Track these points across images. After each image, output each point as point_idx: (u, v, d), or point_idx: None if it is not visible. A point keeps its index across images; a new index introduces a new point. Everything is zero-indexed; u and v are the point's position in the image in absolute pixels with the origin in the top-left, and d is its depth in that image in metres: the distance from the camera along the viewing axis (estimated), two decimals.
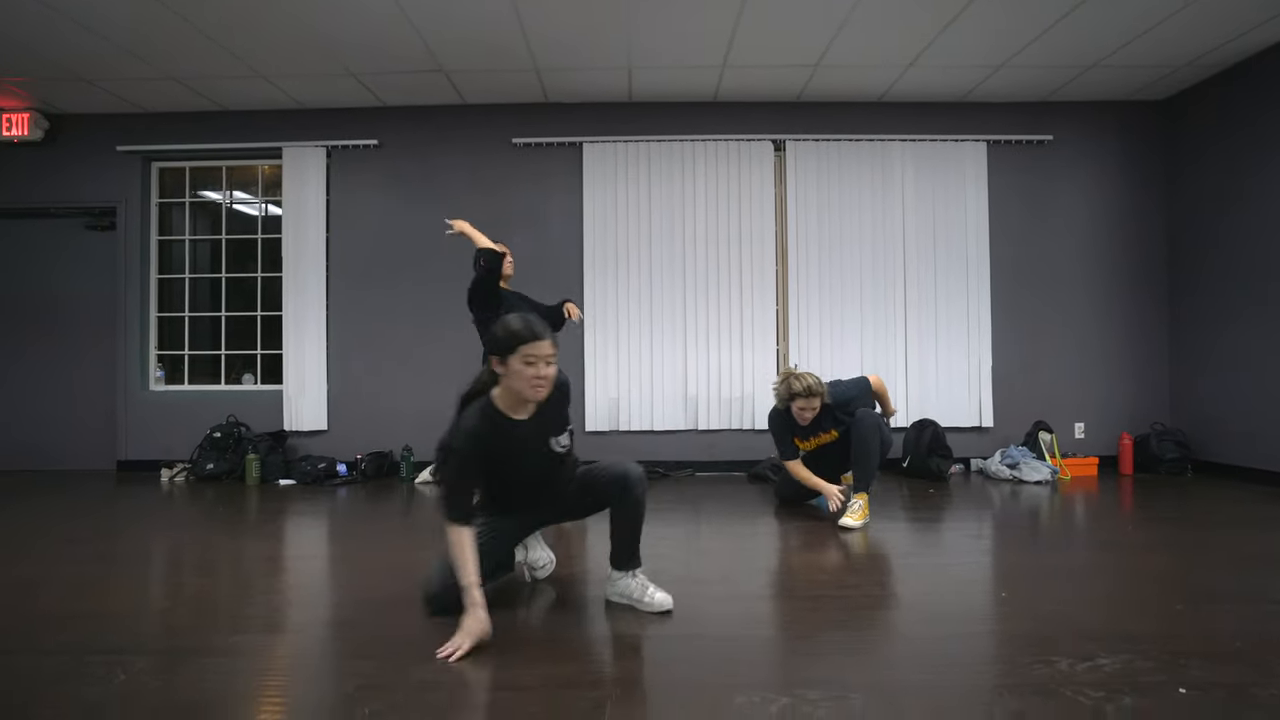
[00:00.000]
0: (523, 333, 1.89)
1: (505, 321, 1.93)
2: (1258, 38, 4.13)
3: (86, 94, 4.82)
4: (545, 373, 1.91)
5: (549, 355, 1.92)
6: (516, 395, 1.96)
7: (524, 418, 2.02)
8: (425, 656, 1.79)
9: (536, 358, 1.90)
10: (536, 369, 1.90)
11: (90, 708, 1.53)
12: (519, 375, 1.90)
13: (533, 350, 1.89)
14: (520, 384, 1.91)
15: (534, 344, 1.89)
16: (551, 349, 1.92)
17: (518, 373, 1.90)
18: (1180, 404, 5.01)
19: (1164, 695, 1.54)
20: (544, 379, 1.92)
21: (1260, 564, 2.61)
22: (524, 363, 1.89)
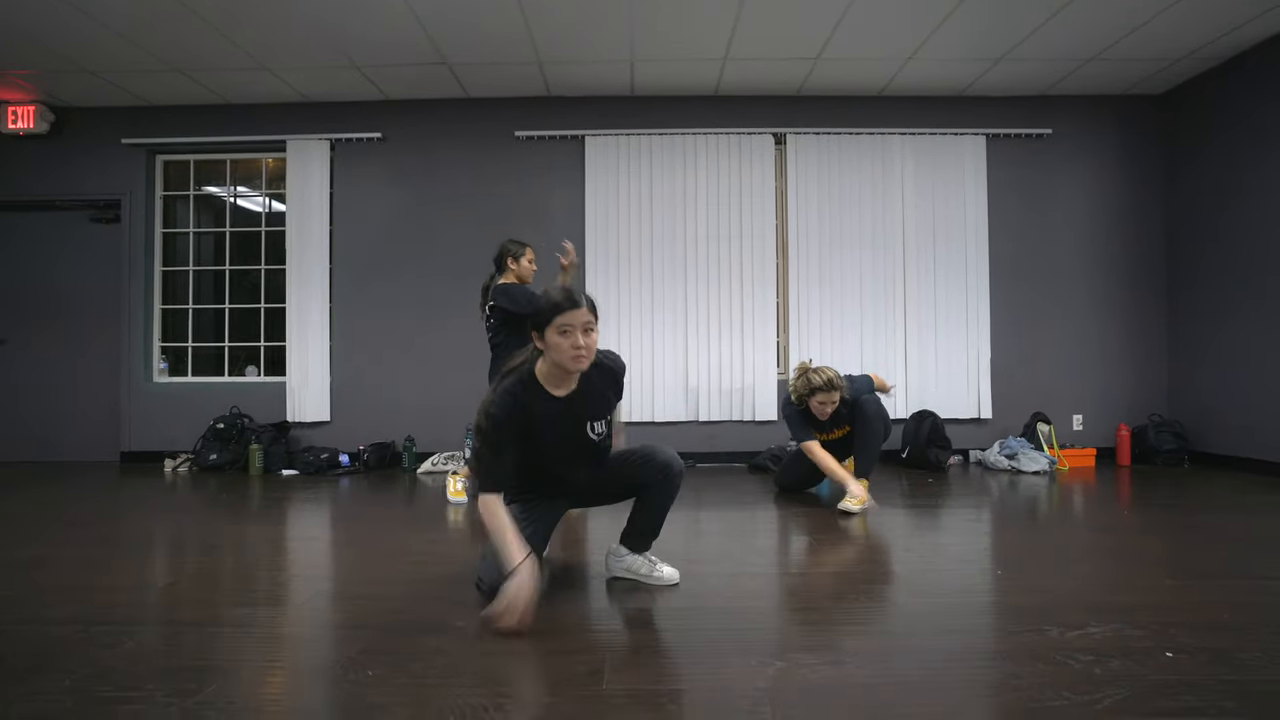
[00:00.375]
0: (560, 302, 1.84)
1: (545, 292, 1.88)
2: (1253, 31, 4.16)
3: (91, 87, 4.87)
4: (584, 342, 1.84)
5: (585, 323, 1.85)
6: (559, 370, 1.91)
7: (562, 394, 1.96)
8: (428, 627, 1.82)
9: (571, 326, 1.83)
10: (573, 338, 1.83)
11: (101, 670, 1.56)
12: (557, 347, 1.85)
13: (567, 319, 1.83)
14: (560, 356, 1.86)
15: (569, 312, 1.83)
16: (587, 316, 1.85)
17: (556, 345, 1.85)
18: (1177, 396, 5.03)
19: (1151, 659, 1.57)
20: (583, 349, 1.85)
21: (1250, 546, 2.64)
22: (559, 333, 1.84)
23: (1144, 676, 1.48)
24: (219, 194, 5.47)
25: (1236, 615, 1.85)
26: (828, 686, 1.46)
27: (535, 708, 1.37)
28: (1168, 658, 1.58)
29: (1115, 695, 1.40)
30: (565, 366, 1.88)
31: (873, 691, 1.44)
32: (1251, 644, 1.65)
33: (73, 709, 1.37)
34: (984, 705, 1.38)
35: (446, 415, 4.98)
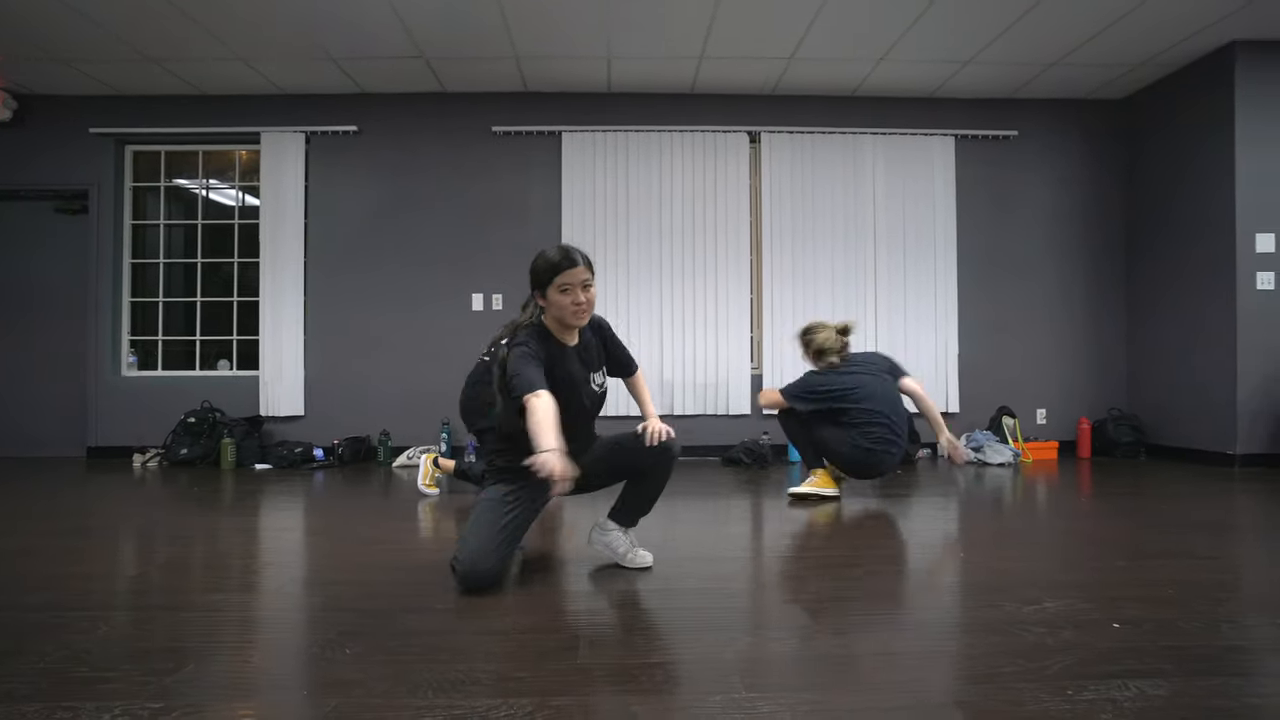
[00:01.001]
0: (559, 262, 1.93)
1: (543, 254, 1.98)
2: (1205, 40, 4.33)
3: (58, 74, 4.78)
4: (583, 298, 1.95)
5: (584, 279, 1.95)
6: (561, 324, 2.03)
7: (572, 344, 2.08)
8: (405, 609, 1.85)
9: (571, 284, 1.93)
10: (573, 295, 1.94)
11: (76, 653, 1.56)
12: (558, 305, 1.96)
13: (566, 278, 1.93)
14: (562, 313, 1.97)
15: (567, 271, 1.93)
16: (585, 273, 1.95)
17: (557, 302, 1.96)
18: (1136, 390, 5.21)
19: (1099, 629, 1.66)
20: (583, 304, 1.96)
21: (1195, 529, 2.77)
22: (560, 291, 1.94)
23: (1091, 645, 1.57)
24: (191, 186, 5.39)
25: (1179, 590, 1.95)
26: (794, 658, 1.52)
27: (511, 681, 1.41)
28: (1115, 628, 1.67)
29: (1064, 662, 1.48)
30: (567, 321, 1.99)
31: (836, 662, 1.50)
32: (1191, 615, 1.75)
33: (48, 689, 1.37)
34: (941, 673, 1.45)
35: (421, 409, 4.98)
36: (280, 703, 1.34)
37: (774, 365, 5.11)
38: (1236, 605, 1.85)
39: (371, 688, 1.38)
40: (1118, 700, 1.30)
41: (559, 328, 2.06)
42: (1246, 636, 1.63)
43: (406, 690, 1.36)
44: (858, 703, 1.32)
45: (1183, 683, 1.37)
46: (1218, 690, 1.34)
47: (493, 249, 5.13)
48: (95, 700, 1.32)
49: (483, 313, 5.10)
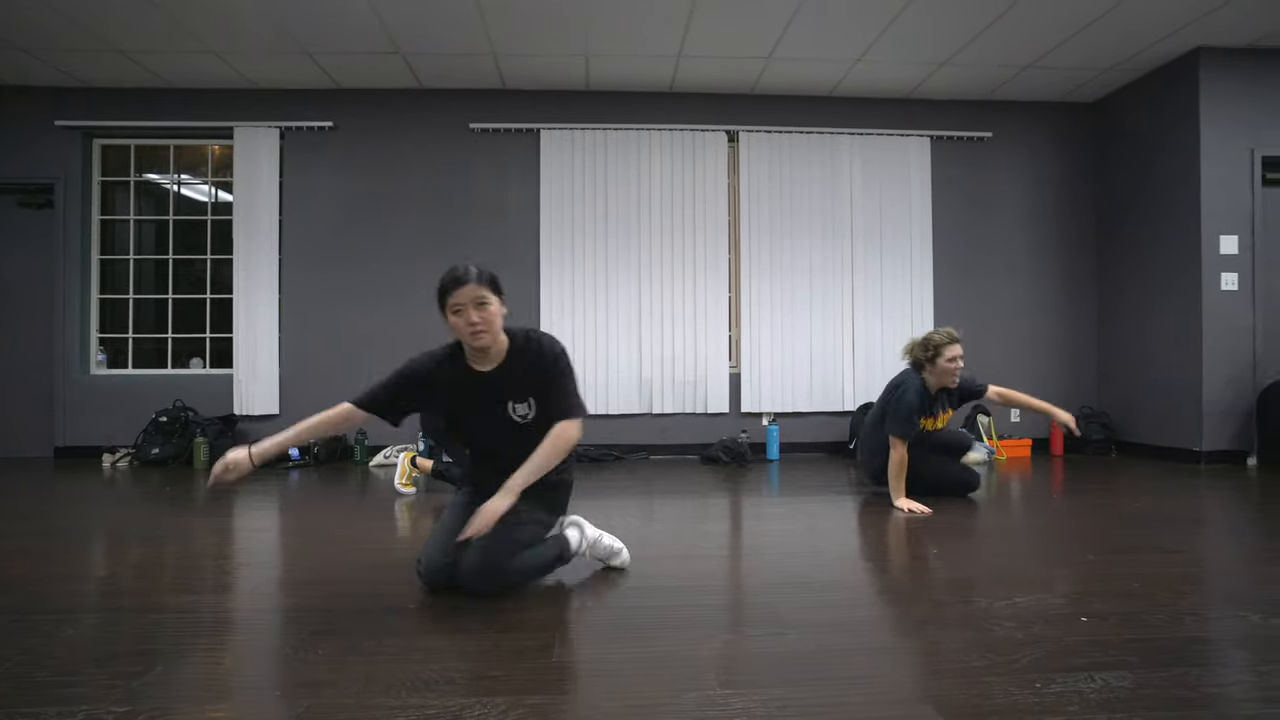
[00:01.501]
0: (445, 284, 1.85)
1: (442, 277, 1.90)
2: (1171, 46, 4.42)
3: (22, 64, 4.66)
4: (476, 317, 1.83)
5: (475, 298, 1.83)
6: (470, 350, 1.93)
7: (485, 370, 1.95)
8: (379, 609, 1.83)
9: (461, 305, 1.83)
10: (465, 315, 1.83)
11: (38, 656, 1.53)
12: (455, 328, 1.87)
13: (456, 299, 1.83)
14: (461, 336, 1.88)
15: (455, 292, 1.83)
16: (476, 291, 1.83)
17: (454, 325, 1.87)
18: (1106, 389, 5.32)
19: (1068, 623, 1.70)
20: (478, 323, 1.83)
21: (1161, 524, 2.84)
22: (453, 314, 1.85)
23: (1060, 638, 1.60)
24: (162, 181, 5.29)
25: (1145, 584, 2.00)
26: (768, 655, 1.53)
27: (485, 680, 1.40)
28: (1082, 621, 1.70)
29: (1032, 655, 1.50)
30: (469, 344, 1.88)
31: (809, 659, 1.51)
32: (1156, 608, 1.79)
33: (9, 694, 1.34)
34: (911, 669, 1.47)
35: None
36: (251, 704, 1.32)
37: (752, 363, 5.13)
38: (1199, 598, 1.89)
39: (344, 688, 1.36)
40: (1084, 692, 1.32)
41: (471, 352, 1.94)
42: (1208, 628, 1.67)
43: (380, 690, 1.36)
44: (829, 698, 1.33)
45: (1146, 674, 1.40)
46: (1179, 680, 1.38)
47: (470, 247, 5.09)
48: (58, 705, 1.29)
49: None
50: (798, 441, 5.12)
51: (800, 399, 5.12)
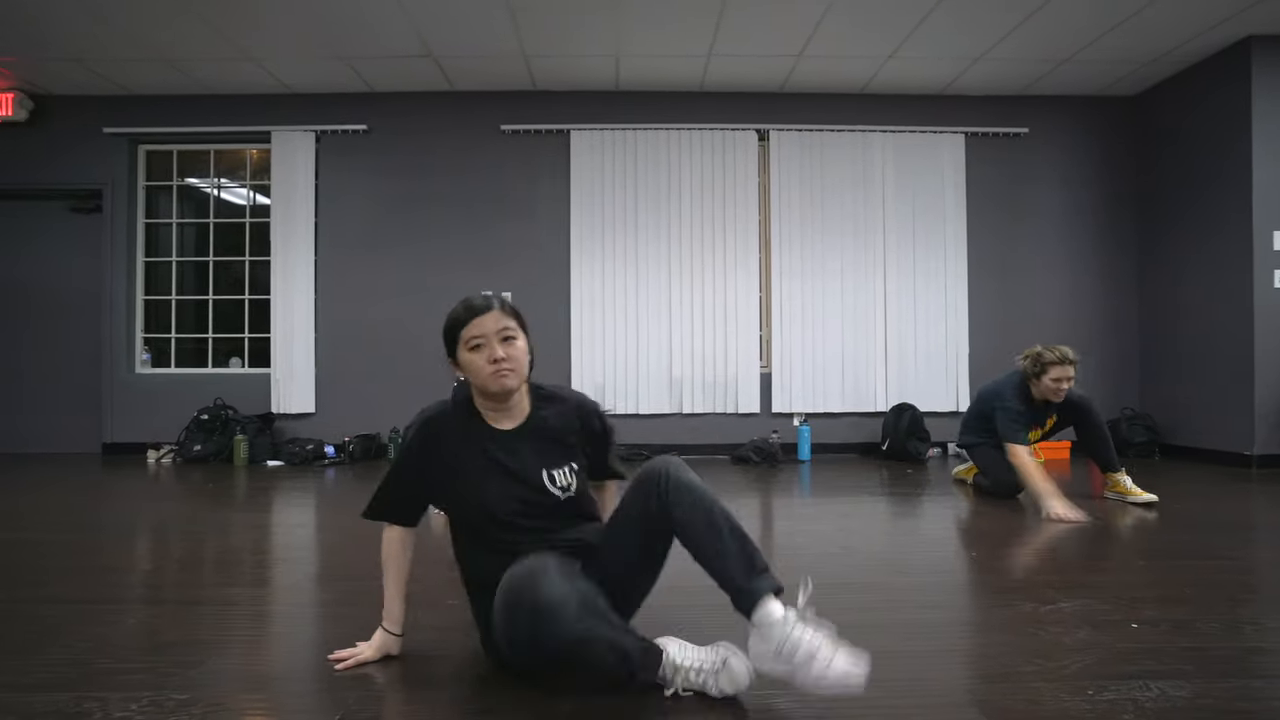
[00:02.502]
0: (460, 315, 1.44)
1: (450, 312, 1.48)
2: (1217, 37, 4.29)
3: (72, 74, 4.81)
4: (502, 353, 1.39)
5: (501, 329, 1.41)
6: (489, 398, 1.46)
7: (509, 428, 1.48)
8: (419, 604, 1.86)
9: (482, 337, 1.40)
10: (489, 350, 1.40)
11: (102, 644, 1.58)
12: (473, 368, 1.42)
13: (475, 331, 1.41)
14: (480, 378, 1.41)
15: (473, 322, 1.41)
16: (502, 321, 1.41)
17: (470, 365, 1.42)
18: (1149, 390, 5.18)
19: (1117, 629, 1.65)
20: (505, 361, 1.39)
21: (1212, 529, 2.75)
22: (470, 349, 1.41)
23: (1110, 645, 1.56)
24: (202, 185, 5.43)
25: (1198, 591, 1.94)
26: None
27: (528, 677, 1.42)
28: (1133, 628, 1.66)
29: (1082, 661, 1.47)
30: (488, 388, 1.41)
31: None
32: (1210, 616, 1.74)
33: (78, 678, 1.39)
34: (958, 672, 1.45)
35: None
36: (300, 694, 1.35)
37: (783, 363, 5.10)
38: (1258, 607, 1.84)
39: (390, 681, 1.39)
40: (1139, 700, 1.29)
41: (485, 402, 1.48)
42: (1269, 639, 1.62)
43: (424, 684, 1.37)
44: (874, 700, 1.32)
45: (1204, 684, 1.36)
46: (1241, 693, 1.34)
47: (502, 247, 5.14)
48: (123, 690, 1.34)
49: None
50: (829, 442, 5.07)
51: (832, 399, 5.08)
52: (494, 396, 1.44)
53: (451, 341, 1.46)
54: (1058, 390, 3.19)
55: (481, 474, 1.44)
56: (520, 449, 1.46)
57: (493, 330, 1.41)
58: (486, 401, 1.47)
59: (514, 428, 1.48)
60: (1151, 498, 3.14)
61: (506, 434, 1.47)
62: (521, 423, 1.49)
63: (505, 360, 1.39)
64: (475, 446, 1.45)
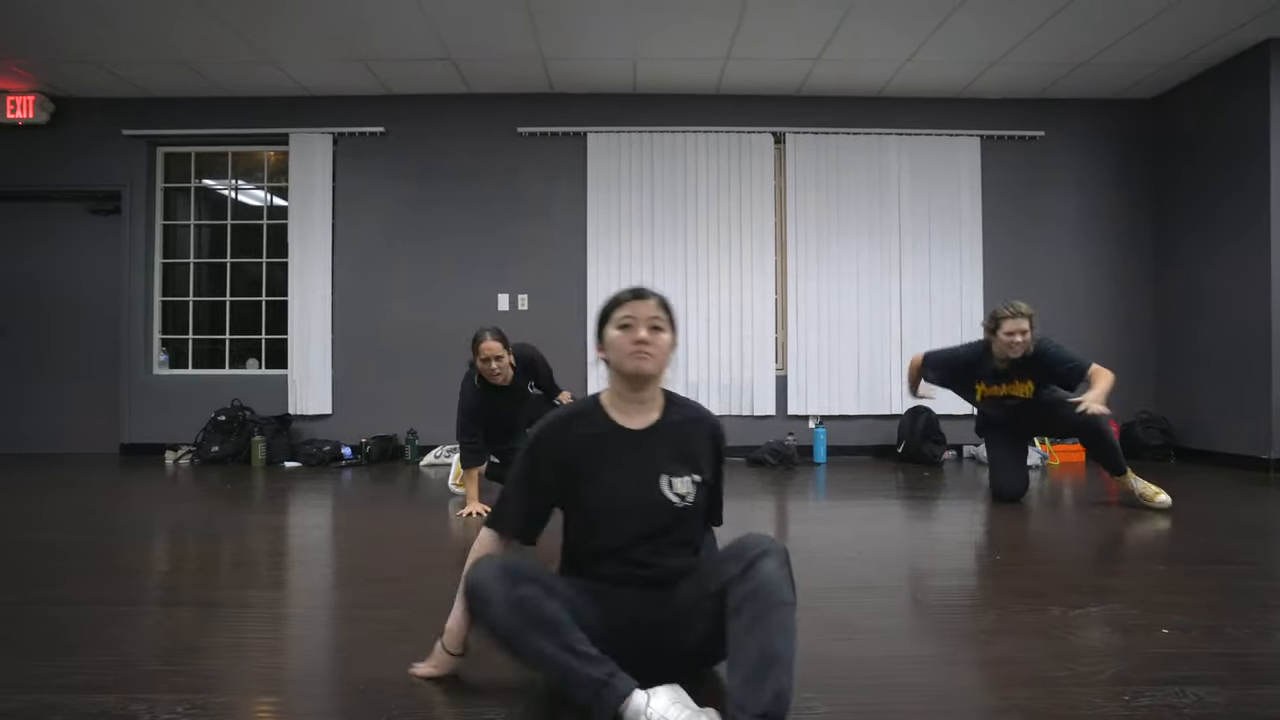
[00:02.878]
0: (616, 295, 1.45)
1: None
2: (1237, 39, 4.28)
3: (92, 77, 4.86)
4: (647, 338, 1.38)
5: (651, 318, 1.40)
6: (624, 384, 1.42)
7: (636, 427, 1.44)
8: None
9: (634, 319, 1.40)
10: (634, 332, 1.39)
11: (144, 645, 1.61)
12: (615, 344, 1.40)
13: (629, 310, 1.40)
14: (619, 355, 1.40)
15: (630, 304, 1.41)
16: (655, 310, 1.40)
17: (615, 342, 1.40)
18: (1165, 393, 5.16)
19: (1148, 635, 1.66)
20: (646, 343, 1.38)
21: (1232, 533, 2.76)
22: (619, 327, 1.40)
23: (1142, 650, 1.57)
24: (220, 187, 5.47)
25: (1225, 596, 1.95)
26: (838, 660, 1.54)
27: None
28: (1163, 634, 1.67)
29: (1116, 667, 1.48)
30: (624, 367, 1.40)
31: (881, 665, 1.51)
32: (1240, 621, 1.75)
33: (126, 679, 1.42)
34: (990, 677, 1.46)
35: (448, 408, 4.98)
36: (343, 695, 1.37)
37: (799, 366, 5.11)
38: None
39: (432, 687, 1.40)
40: (1176, 706, 1.30)
41: (622, 401, 1.44)
42: None
43: (467, 690, 1.39)
44: (912, 706, 1.33)
45: (1241, 690, 1.37)
46: (1278, 700, 1.34)
47: (518, 250, 5.17)
48: (172, 693, 1.36)
49: (509, 313, 5.14)
50: (844, 444, 5.08)
51: (847, 402, 5.08)
52: (629, 381, 1.41)
53: (603, 320, 1.45)
54: (1011, 344, 3.17)
55: (599, 469, 1.41)
56: (643, 449, 1.43)
57: (644, 316, 1.40)
58: (620, 391, 1.45)
59: (641, 428, 1.44)
60: (1166, 501, 3.13)
61: (632, 433, 1.43)
62: (650, 425, 1.45)
63: (647, 343, 1.38)
64: (598, 442, 1.42)
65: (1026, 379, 3.29)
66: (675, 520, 1.41)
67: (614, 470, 1.40)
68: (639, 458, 1.42)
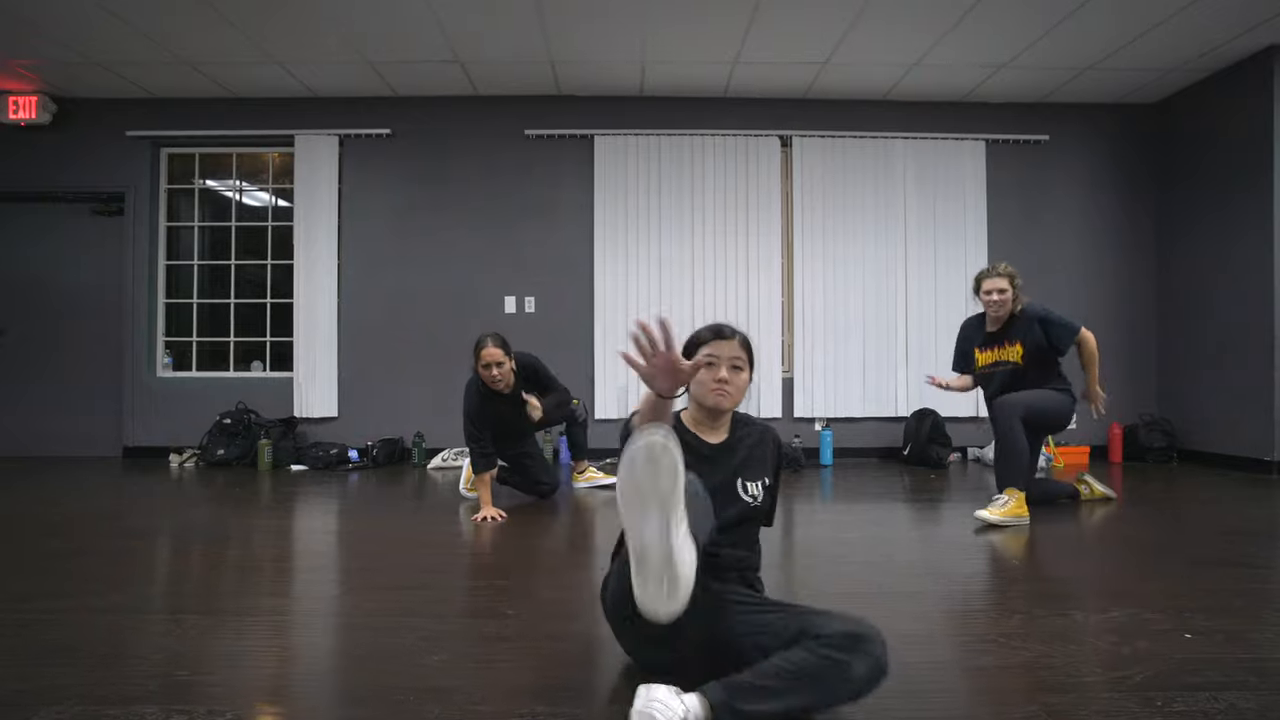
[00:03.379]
0: (704, 335, 1.63)
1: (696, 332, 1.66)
2: (1240, 46, 4.32)
3: (95, 78, 4.83)
4: (727, 376, 1.58)
5: (733, 358, 1.59)
6: (701, 412, 1.63)
7: (716, 442, 1.65)
8: (479, 614, 1.88)
9: (717, 358, 1.58)
10: (716, 371, 1.58)
11: (174, 655, 1.60)
12: (699, 380, 1.60)
13: (713, 349, 1.59)
14: (700, 390, 1.60)
15: (714, 343, 1.60)
16: (737, 351, 1.60)
17: (698, 377, 1.59)
18: (1167, 396, 5.20)
19: (1172, 640, 1.68)
20: (726, 381, 1.58)
21: (1244, 536, 2.78)
22: (703, 365, 1.59)
23: (1169, 655, 1.59)
24: (224, 190, 5.45)
25: (1245, 600, 1.97)
26: None
27: (607, 690, 1.44)
28: (1187, 639, 1.69)
29: (1145, 672, 1.50)
30: (704, 401, 1.60)
31: (909, 670, 1.51)
32: (1261, 626, 1.77)
33: (159, 691, 1.41)
34: (1022, 681, 1.47)
35: (455, 411, 4.98)
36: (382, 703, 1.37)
37: (805, 368, 5.12)
38: None
39: (470, 694, 1.41)
40: (1209, 713, 1.32)
41: (702, 419, 1.65)
42: None
43: (503, 696, 1.40)
44: (948, 711, 1.34)
45: (1271, 697, 1.39)
46: None
47: (525, 252, 5.17)
48: (207, 703, 1.36)
49: (515, 315, 5.14)
50: (851, 447, 5.10)
51: (853, 404, 5.10)
52: (708, 411, 1.62)
53: (688, 353, 1.63)
54: (989, 302, 3.30)
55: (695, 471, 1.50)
56: (721, 460, 1.63)
57: (726, 355, 1.59)
58: (699, 416, 1.65)
59: (718, 443, 1.65)
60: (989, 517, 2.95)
61: (712, 446, 1.64)
62: (724, 441, 1.66)
63: (727, 383, 1.58)
64: (691, 451, 1.54)
65: (1015, 341, 3.31)
66: (744, 516, 1.62)
67: (704, 471, 1.53)
68: (718, 467, 1.61)
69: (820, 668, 1.26)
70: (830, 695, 1.28)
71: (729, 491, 1.60)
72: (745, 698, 1.24)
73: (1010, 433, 3.07)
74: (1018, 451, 3.05)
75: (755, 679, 1.27)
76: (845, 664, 1.26)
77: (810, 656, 1.27)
